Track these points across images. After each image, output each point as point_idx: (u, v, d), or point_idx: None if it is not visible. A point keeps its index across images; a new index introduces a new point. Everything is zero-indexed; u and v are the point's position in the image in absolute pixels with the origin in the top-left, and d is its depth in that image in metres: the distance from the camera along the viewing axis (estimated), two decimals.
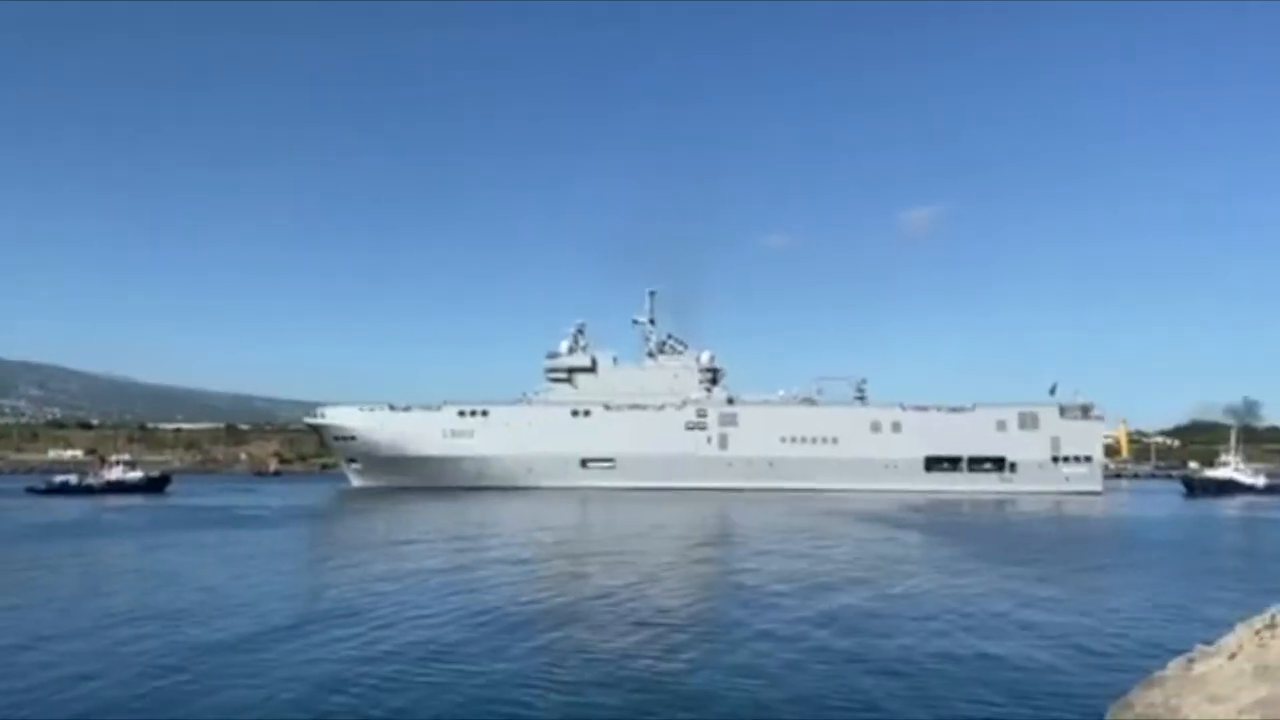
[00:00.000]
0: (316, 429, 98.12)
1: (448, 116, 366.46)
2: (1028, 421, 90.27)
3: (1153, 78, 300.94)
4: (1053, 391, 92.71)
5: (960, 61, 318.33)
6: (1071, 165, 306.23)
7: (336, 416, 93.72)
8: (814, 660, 16.52)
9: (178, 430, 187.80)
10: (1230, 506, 72.22)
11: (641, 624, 19.79)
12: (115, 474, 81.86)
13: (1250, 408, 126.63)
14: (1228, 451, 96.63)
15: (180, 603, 22.37)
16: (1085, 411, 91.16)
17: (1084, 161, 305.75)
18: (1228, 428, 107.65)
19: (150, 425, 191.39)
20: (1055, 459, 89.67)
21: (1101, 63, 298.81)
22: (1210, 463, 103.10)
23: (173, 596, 23.43)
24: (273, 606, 21.89)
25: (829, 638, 18.44)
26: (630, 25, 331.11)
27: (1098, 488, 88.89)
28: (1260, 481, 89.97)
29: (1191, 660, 8.89)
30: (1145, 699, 8.72)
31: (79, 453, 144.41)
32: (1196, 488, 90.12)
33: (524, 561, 32.22)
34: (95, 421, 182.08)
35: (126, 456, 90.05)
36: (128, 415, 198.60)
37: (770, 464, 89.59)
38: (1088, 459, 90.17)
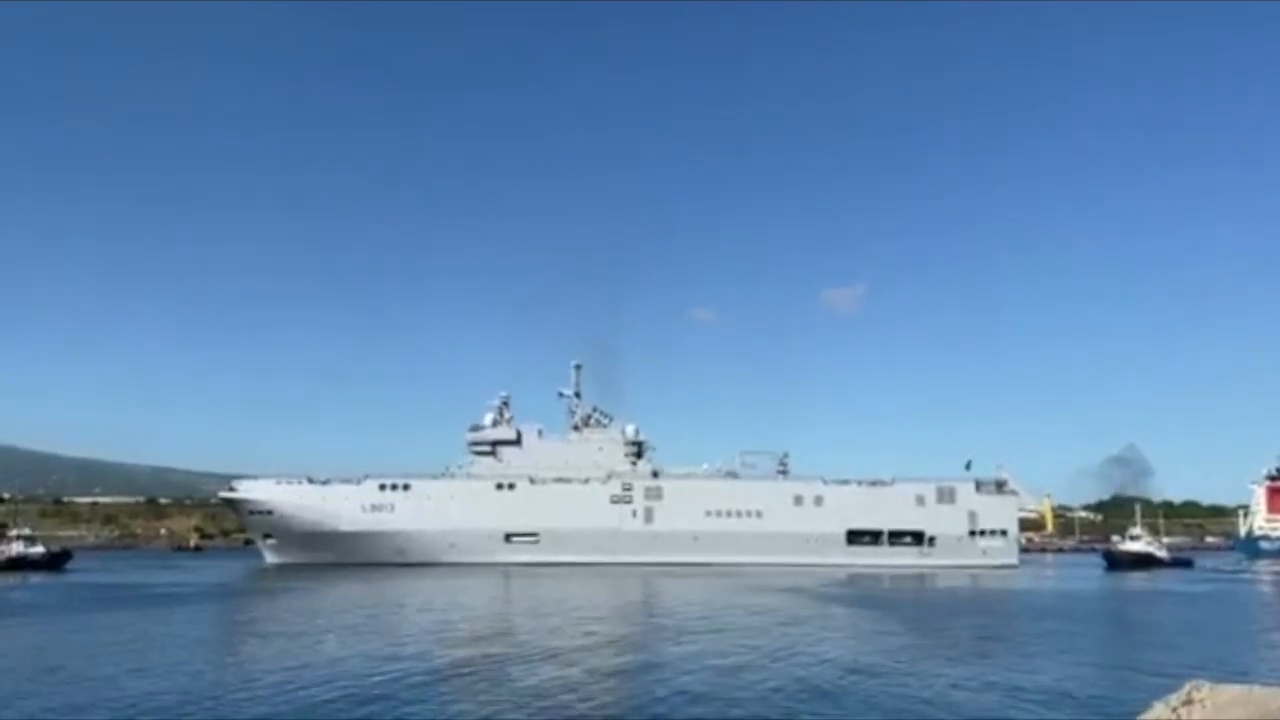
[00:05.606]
0: (231, 503, 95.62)
1: (356, 170, 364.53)
2: (945, 496, 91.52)
3: (1067, 154, 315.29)
4: (968, 467, 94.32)
5: (886, 140, 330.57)
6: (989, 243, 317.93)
7: (251, 490, 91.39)
8: None
9: (94, 504, 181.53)
10: (1147, 579, 74.01)
11: None
12: (15, 549, 78.66)
13: (1134, 460, 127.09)
14: (1134, 525, 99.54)
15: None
16: (1000, 486, 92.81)
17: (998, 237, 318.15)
18: (1145, 503, 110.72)
19: (66, 499, 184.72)
20: (973, 533, 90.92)
21: (1020, 145, 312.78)
22: (1122, 536, 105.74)
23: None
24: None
25: None
26: (557, 89, 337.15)
27: (1014, 561, 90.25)
28: (1165, 555, 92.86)
29: None
30: None
31: None
32: (1117, 561, 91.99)
33: (435, 650, 28.63)
34: (6, 495, 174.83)
35: (27, 531, 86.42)
36: (40, 489, 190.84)
37: (695, 538, 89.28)
38: (1004, 533, 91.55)
